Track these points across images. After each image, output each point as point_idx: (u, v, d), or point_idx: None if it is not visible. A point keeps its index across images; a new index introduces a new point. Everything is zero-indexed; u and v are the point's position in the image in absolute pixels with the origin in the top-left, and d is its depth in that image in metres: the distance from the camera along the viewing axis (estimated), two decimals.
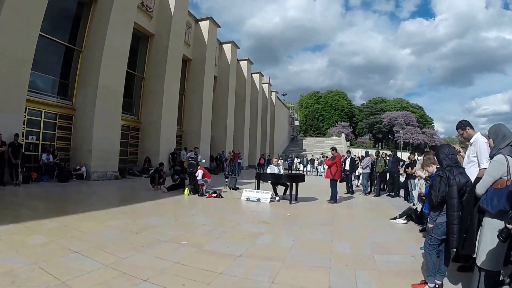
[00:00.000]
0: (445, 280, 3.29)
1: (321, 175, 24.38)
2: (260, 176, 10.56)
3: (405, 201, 9.93)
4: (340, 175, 10.36)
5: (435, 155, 3.66)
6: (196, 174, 10.24)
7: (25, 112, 11.37)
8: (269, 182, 10.17)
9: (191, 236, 5.20)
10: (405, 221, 6.78)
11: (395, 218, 6.98)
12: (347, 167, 12.52)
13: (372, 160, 12.41)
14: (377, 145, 57.53)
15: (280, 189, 10.13)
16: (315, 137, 58.30)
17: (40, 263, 3.43)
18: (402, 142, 54.04)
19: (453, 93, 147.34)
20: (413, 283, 3.35)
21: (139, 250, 4.22)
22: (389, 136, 64.45)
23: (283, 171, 10.80)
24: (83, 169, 12.93)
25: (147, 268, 3.55)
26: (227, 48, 26.95)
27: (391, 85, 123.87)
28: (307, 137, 58.60)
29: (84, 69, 13.89)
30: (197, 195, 10.01)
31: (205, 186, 10.42)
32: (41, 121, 12.67)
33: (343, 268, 3.87)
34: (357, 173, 14.44)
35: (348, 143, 50.36)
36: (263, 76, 36.81)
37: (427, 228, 3.37)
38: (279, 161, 11.59)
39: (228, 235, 5.43)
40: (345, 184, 12.64)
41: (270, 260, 4.07)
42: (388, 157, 12.43)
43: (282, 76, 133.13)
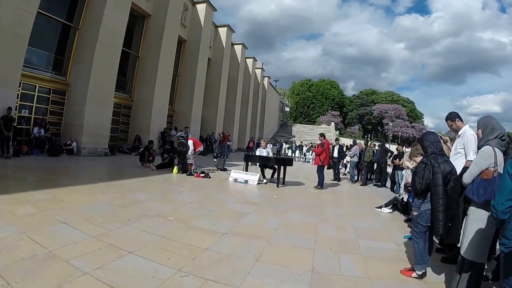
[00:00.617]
0: (428, 270, 3.32)
1: (309, 162, 24.59)
2: (248, 158, 10.58)
3: (391, 191, 10.07)
4: (329, 162, 10.43)
5: (419, 142, 3.66)
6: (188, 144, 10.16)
7: (19, 86, 11.23)
8: (258, 165, 10.18)
9: (178, 212, 5.20)
10: (390, 210, 6.88)
11: (380, 207, 7.07)
12: (335, 154, 12.59)
13: (360, 149, 12.54)
14: (366, 136, 57.81)
15: (268, 172, 10.15)
16: (305, 124, 58.38)
17: (28, 233, 3.40)
18: (391, 135, 54.65)
19: (445, 90, 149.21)
20: (397, 269, 3.39)
21: (125, 223, 4.20)
22: (379, 128, 64.94)
23: (271, 154, 10.83)
24: (74, 144, 12.78)
25: (133, 241, 3.55)
26: (222, 31, 26.56)
27: (383, 77, 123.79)
28: (297, 123, 58.62)
29: (80, 46, 13.67)
30: (185, 174, 9.98)
31: (193, 166, 10.39)
32: (34, 95, 12.49)
33: (327, 251, 3.94)
34: (345, 161, 14.60)
35: (337, 132, 50.60)
36: (257, 61, 36.34)
37: (412, 216, 3.40)
38: (268, 144, 11.58)
39: (215, 213, 5.45)
40: (332, 171, 12.76)
41: (255, 239, 4.11)
42: (376, 147, 12.54)
43: (276, 62, 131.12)
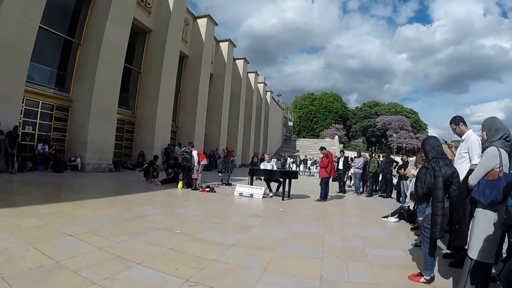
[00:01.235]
0: (436, 275, 3.28)
1: (313, 175, 24.47)
2: (253, 172, 10.59)
3: (397, 202, 9.98)
4: (334, 173, 10.41)
5: (421, 147, 3.69)
6: (192, 155, 10.17)
7: (22, 102, 11.42)
8: (263, 179, 10.18)
9: (184, 225, 5.20)
10: (396, 219, 6.85)
11: (386, 217, 7.04)
12: (341, 166, 12.58)
13: (365, 160, 12.52)
14: (370, 148, 57.63)
15: (273, 186, 10.15)
16: (309, 138, 58.40)
17: (34, 244, 3.42)
18: (396, 146, 54.47)
19: (448, 99, 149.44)
20: (405, 275, 3.35)
21: (133, 236, 4.22)
22: (383, 140, 64.75)
23: (276, 167, 10.84)
24: (78, 160, 12.93)
25: (141, 253, 3.55)
26: (223, 46, 26.87)
27: (386, 89, 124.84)
28: (300, 138, 58.68)
29: (82, 62, 13.91)
30: (190, 189, 10.01)
31: (198, 181, 10.42)
32: (38, 111, 12.70)
33: (334, 259, 3.91)
34: (349, 174, 14.55)
35: (342, 145, 50.52)
36: (259, 76, 36.66)
37: (418, 222, 3.39)
38: (272, 158, 11.61)
39: (221, 226, 5.45)
40: (337, 183, 12.71)
41: (262, 250, 4.10)
42: (381, 158, 12.51)
43: (278, 77, 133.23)
